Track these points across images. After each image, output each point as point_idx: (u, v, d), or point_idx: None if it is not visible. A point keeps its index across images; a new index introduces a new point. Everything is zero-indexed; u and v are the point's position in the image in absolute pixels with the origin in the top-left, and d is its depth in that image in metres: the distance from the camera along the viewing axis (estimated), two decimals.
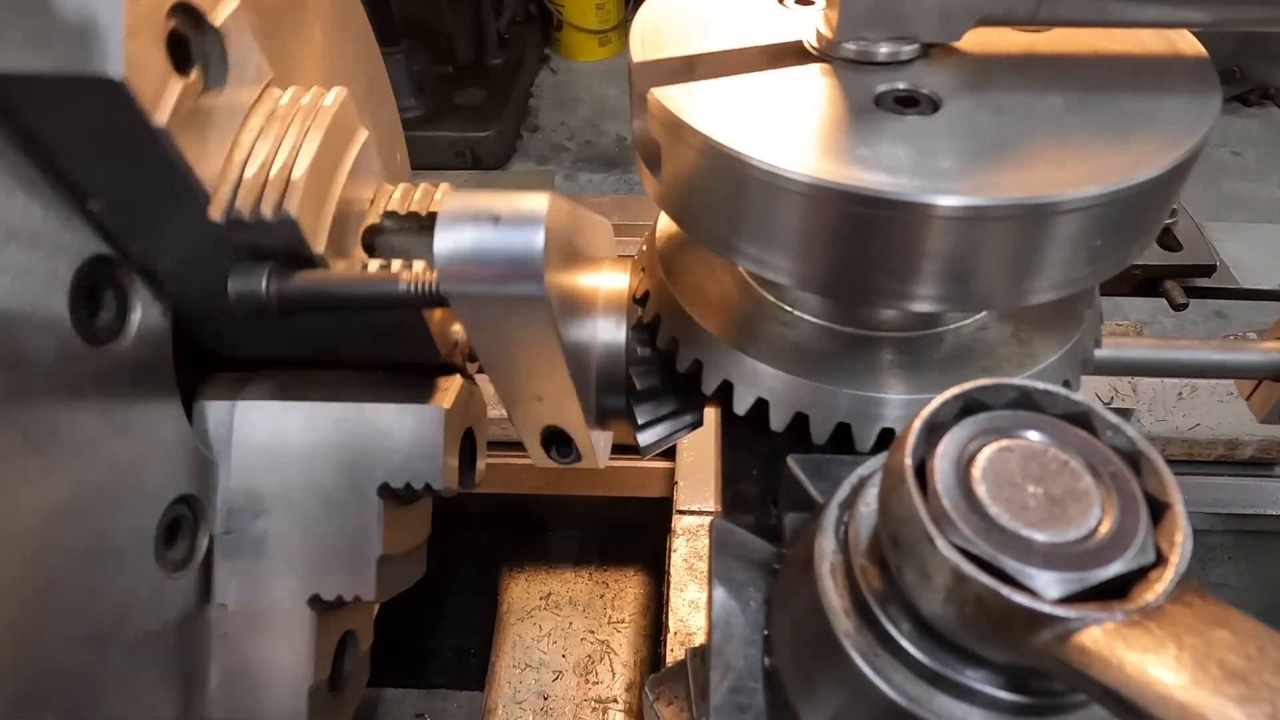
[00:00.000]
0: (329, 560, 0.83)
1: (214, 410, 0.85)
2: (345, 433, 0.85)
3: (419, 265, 0.78)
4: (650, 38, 0.68)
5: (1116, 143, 0.57)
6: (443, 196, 0.84)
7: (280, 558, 0.84)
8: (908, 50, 0.64)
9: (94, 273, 0.70)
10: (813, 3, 0.70)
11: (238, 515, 0.83)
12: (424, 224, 0.83)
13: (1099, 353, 0.77)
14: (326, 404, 0.85)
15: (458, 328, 0.91)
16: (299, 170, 0.70)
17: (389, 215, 0.83)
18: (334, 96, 0.75)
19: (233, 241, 0.71)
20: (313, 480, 0.84)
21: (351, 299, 0.73)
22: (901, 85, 0.62)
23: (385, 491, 0.84)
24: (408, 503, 0.90)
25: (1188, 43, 0.67)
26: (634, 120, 0.69)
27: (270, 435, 0.84)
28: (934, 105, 0.61)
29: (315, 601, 0.83)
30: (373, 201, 0.83)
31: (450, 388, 0.88)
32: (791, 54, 0.67)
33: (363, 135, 0.80)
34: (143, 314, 0.76)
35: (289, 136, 0.72)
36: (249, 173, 0.69)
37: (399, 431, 0.85)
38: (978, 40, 0.65)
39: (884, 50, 0.64)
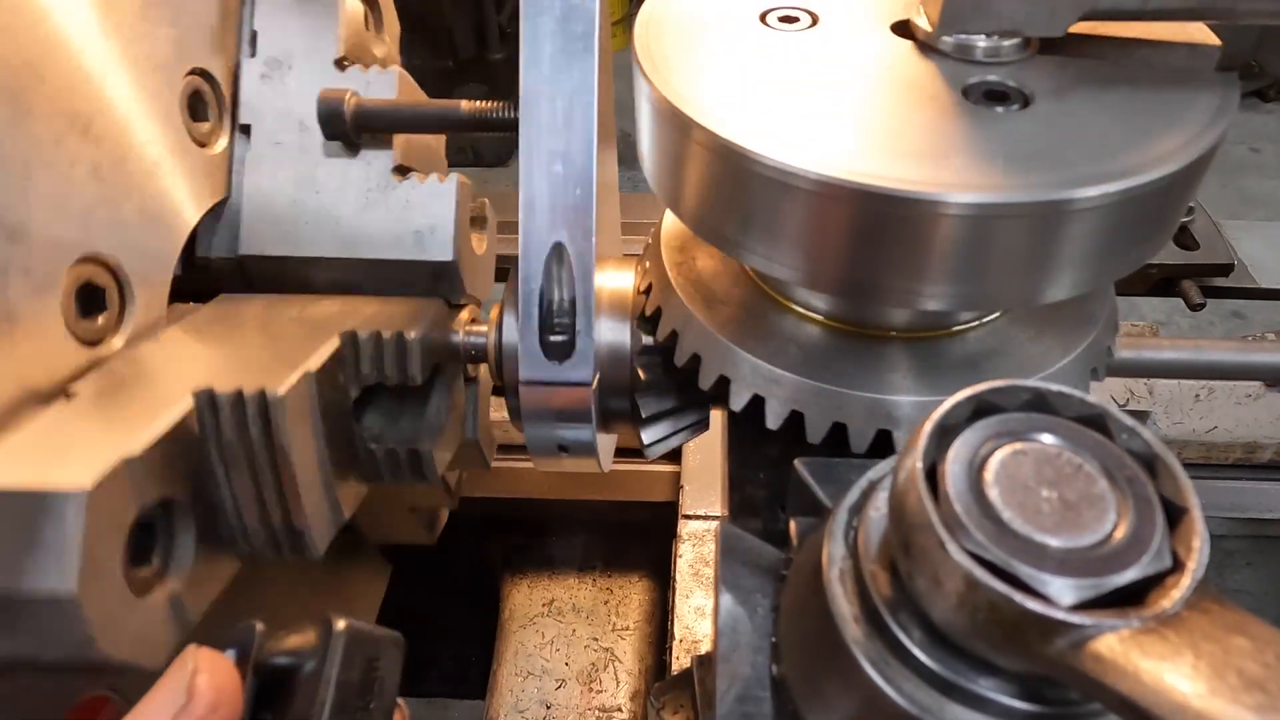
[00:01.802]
0: (248, 368, 0.73)
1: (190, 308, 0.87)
2: (322, 304, 0.88)
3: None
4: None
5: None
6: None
7: (189, 365, 0.75)
8: (1009, 45, 0.64)
9: (204, 84, 0.88)
10: (797, 20, 0.69)
11: (168, 333, 0.80)
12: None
13: (1114, 354, 0.77)
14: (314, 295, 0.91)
15: (464, 317, 0.91)
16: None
17: None
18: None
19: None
20: (272, 326, 0.84)
21: (418, 119, 0.91)
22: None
23: (349, 340, 0.80)
24: (360, 426, 0.85)
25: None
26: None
27: (242, 305, 0.87)
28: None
29: (205, 395, 0.67)
30: None
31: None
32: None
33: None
34: (224, 146, 0.91)
35: None
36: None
37: (383, 304, 0.88)
38: None
39: (983, 44, 0.64)
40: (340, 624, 0.55)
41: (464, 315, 0.92)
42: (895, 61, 0.65)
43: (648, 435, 0.87)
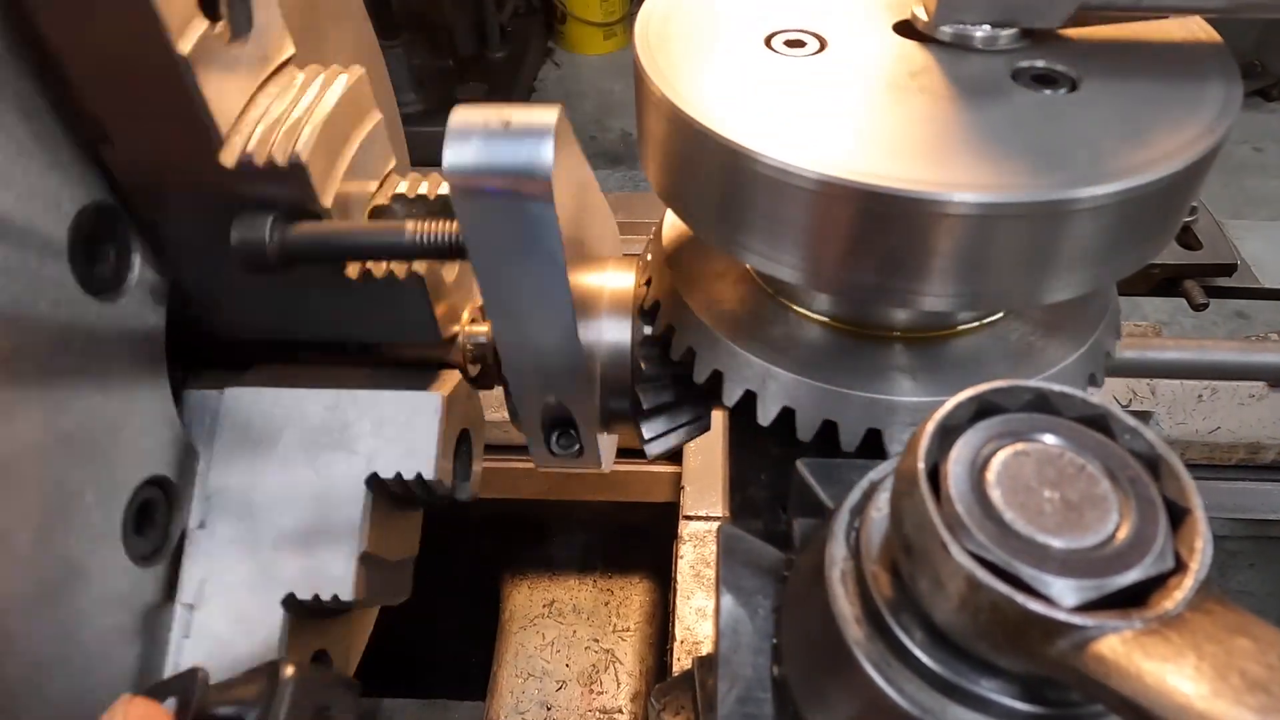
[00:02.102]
0: (307, 556, 0.81)
1: (202, 399, 0.85)
2: (336, 419, 0.85)
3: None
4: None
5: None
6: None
7: (256, 555, 0.81)
8: (1005, 36, 0.65)
9: (95, 220, 0.74)
10: (804, 45, 0.69)
11: (215, 508, 0.82)
12: (432, 206, 0.83)
13: (1117, 354, 0.77)
14: (317, 390, 0.85)
15: (465, 317, 0.91)
16: (313, 121, 0.73)
17: (397, 198, 0.84)
18: (353, 71, 0.80)
19: (238, 193, 0.72)
20: (298, 470, 0.83)
21: (355, 248, 0.75)
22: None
23: (374, 483, 0.83)
24: (398, 501, 0.89)
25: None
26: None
27: (257, 423, 0.84)
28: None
29: (290, 602, 0.80)
30: (380, 186, 0.85)
31: (448, 381, 0.88)
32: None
33: (376, 116, 0.83)
34: (140, 273, 0.79)
35: (305, 98, 0.75)
36: (263, 125, 0.72)
37: (392, 419, 0.84)
38: None
39: (980, 35, 0.65)
40: (288, 671, 0.54)
41: (464, 316, 0.92)
42: (896, 58, 0.65)
43: (648, 430, 0.87)
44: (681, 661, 1.42)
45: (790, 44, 0.68)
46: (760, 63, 0.65)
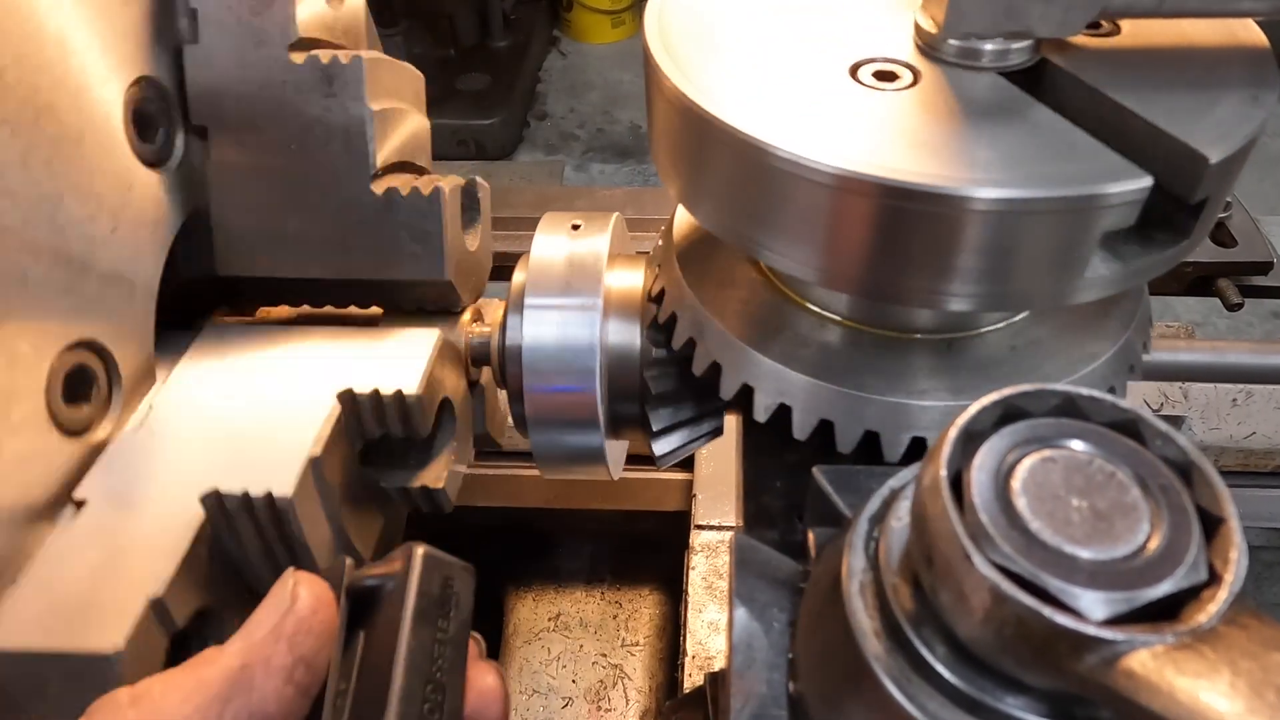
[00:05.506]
0: (249, 455, 0.74)
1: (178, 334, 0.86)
2: (313, 348, 0.86)
3: None
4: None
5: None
6: None
7: (188, 453, 0.76)
8: (1018, 48, 0.63)
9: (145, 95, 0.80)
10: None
11: (159, 409, 0.79)
12: None
13: (1148, 356, 0.77)
14: (302, 327, 0.88)
15: (465, 318, 0.91)
16: None
17: None
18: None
19: None
20: (264, 387, 0.81)
21: None
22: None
23: (348, 401, 0.79)
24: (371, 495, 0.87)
25: (1244, 28, 0.67)
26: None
27: (229, 353, 0.85)
28: None
29: (213, 500, 0.71)
30: None
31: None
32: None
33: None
34: (181, 157, 0.84)
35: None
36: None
37: (379, 348, 0.85)
38: None
39: (990, 48, 0.63)
40: (420, 550, 0.62)
41: (465, 317, 0.93)
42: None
43: (660, 447, 0.87)
44: (693, 677, 1.42)
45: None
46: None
